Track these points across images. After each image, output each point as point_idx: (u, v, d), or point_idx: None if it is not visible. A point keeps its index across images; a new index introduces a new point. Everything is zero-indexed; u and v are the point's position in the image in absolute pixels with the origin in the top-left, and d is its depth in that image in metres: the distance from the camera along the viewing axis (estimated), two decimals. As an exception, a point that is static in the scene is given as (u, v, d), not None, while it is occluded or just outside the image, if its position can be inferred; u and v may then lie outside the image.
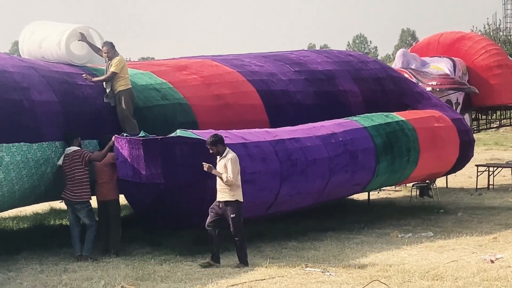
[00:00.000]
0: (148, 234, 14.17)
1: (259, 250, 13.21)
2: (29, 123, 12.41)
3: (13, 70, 12.81)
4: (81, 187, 12.51)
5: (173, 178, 12.19)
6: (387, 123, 16.04)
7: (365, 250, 12.97)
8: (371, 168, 15.39)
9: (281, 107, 15.98)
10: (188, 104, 14.63)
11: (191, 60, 16.68)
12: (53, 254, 12.91)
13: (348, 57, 18.59)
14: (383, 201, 20.15)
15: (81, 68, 14.45)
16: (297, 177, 13.75)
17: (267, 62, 17.14)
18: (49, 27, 14.85)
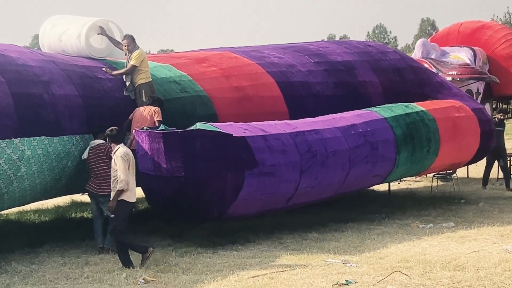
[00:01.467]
0: (168, 226, 14.23)
1: (280, 241, 13.22)
2: (50, 116, 12.46)
3: (33, 64, 12.88)
4: (105, 180, 12.55)
5: (194, 171, 12.21)
6: (407, 113, 15.98)
7: (386, 241, 12.96)
8: (391, 159, 15.35)
9: (301, 98, 15.96)
10: (208, 97, 14.64)
11: (211, 52, 16.68)
12: (75, 247, 12.98)
13: (367, 47, 18.53)
14: (403, 192, 20.11)
15: (101, 61, 14.51)
16: (317, 168, 13.74)
17: (286, 53, 17.12)
18: (69, 21, 14.91)
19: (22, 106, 12.01)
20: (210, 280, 10.42)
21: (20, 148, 11.82)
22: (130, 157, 11.51)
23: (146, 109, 13.34)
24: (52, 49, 14.67)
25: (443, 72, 21.59)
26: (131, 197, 11.55)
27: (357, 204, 16.94)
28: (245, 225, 14.14)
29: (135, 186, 11.75)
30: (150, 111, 13.27)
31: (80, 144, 12.86)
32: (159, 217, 14.64)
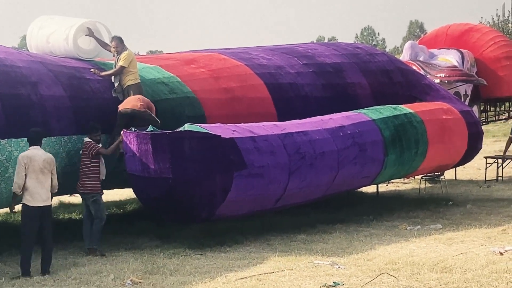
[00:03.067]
0: (157, 228, 14.22)
1: (268, 243, 13.22)
2: (38, 117, 12.43)
3: (21, 64, 12.85)
4: (87, 179, 12.58)
5: (182, 173, 12.21)
6: (396, 115, 16.02)
7: (374, 243, 12.97)
8: (379, 160, 15.38)
9: (289, 100, 15.98)
10: (196, 98, 14.64)
11: (199, 54, 16.68)
12: (63, 248, 12.93)
13: (356, 49, 18.57)
14: (391, 194, 20.15)
15: (89, 62, 14.49)
16: (306, 170, 13.75)
17: (275, 55, 17.14)
18: (57, 22, 14.90)
19: (10, 107, 11.98)
20: (198, 281, 10.40)
21: (7, 149, 11.80)
22: (30, 161, 11.05)
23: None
24: (40, 50, 14.66)
25: (431, 74, 21.67)
26: (32, 201, 11.11)
27: (346, 205, 16.96)
28: (233, 226, 14.14)
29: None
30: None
31: (68, 145, 12.84)
32: (147, 218, 14.63)
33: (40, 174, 11.10)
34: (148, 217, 14.67)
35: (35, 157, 11.10)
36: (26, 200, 11.09)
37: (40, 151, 11.27)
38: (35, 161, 11.06)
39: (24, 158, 11.06)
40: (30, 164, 11.03)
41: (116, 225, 12.84)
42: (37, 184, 11.07)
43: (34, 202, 11.07)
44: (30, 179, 11.04)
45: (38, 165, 11.08)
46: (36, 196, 11.07)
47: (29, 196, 11.07)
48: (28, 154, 11.13)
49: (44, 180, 11.16)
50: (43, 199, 11.14)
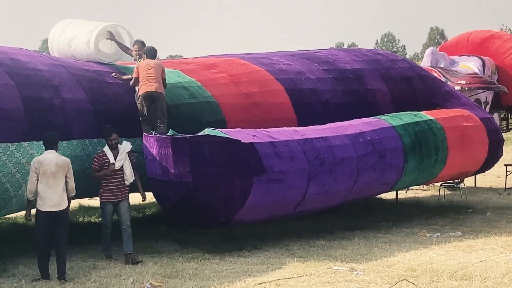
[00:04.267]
0: (175, 232, 14.25)
1: (287, 248, 13.22)
2: (59, 120, 12.51)
3: (43, 68, 12.94)
4: (110, 186, 12.57)
5: (202, 177, 12.23)
6: (416, 122, 15.98)
7: (393, 249, 12.94)
8: (399, 167, 15.34)
9: (309, 105, 15.97)
10: (217, 103, 14.66)
11: (220, 59, 16.71)
12: (82, 251, 12.98)
13: (376, 55, 18.54)
14: (411, 200, 20.09)
15: (110, 66, 14.56)
16: (325, 176, 13.74)
17: (295, 60, 17.13)
18: (78, 26, 14.98)
19: (32, 109, 12.06)
20: (216, 286, 10.42)
21: (29, 151, 11.86)
22: (41, 165, 10.96)
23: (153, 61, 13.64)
24: (62, 54, 14.75)
25: (451, 81, 21.60)
26: (42, 205, 10.98)
27: (365, 212, 16.92)
28: (252, 231, 14.15)
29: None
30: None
31: (88, 148, 12.89)
32: (166, 222, 14.66)
33: (51, 179, 10.96)
34: (167, 221, 14.70)
35: (46, 161, 10.99)
36: (38, 205, 11.01)
37: (53, 155, 11.13)
38: (46, 165, 10.95)
39: (35, 162, 10.99)
40: (41, 168, 10.92)
41: (135, 229, 12.84)
42: (47, 188, 10.95)
43: (45, 207, 10.96)
44: (41, 183, 10.94)
45: (50, 169, 10.95)
46: (46, 201, 10.95)
47: (40, 200, 10.98)
48: (39, 158, 11.06)
49: (55, 184, 11.01)
50: (53, 204, 10.98)
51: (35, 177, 10.94)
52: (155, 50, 13.99)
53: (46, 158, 11.04)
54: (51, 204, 10.96)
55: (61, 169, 11.07)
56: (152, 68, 13.47)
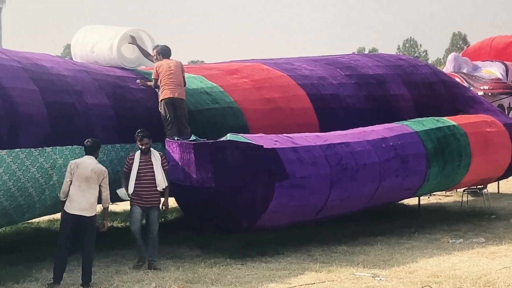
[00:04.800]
0: (198, 237, 14.26)
1: (309, 254, 13.20)
2: (82, 126, 12.56)
3: (66, 73, 13.01)
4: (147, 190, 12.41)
5: (224, 182, 12.24)
6: (438, 127, 15.92)
7: (416, 256, 12.90)
8: (422, 173, 15.28)
9: (332, 111, 15.95)
10: (239, 108, 14.68)
11: (242, 64, 16.73)
12: (104, 256, 13.02)
13: (399, 61, 18.48)
14: (433, 206, 20.00)
15: (133, 71, 14.61)
16: (347, 181, 13.71)
17: (318, 66, 17.12)
18: (101, 31, 15.05)
19: (55, 115, 12.12)
20: (239, 291, 10.43)
21: (52, 157, 11.92)
22: (77, 167, 11.02)
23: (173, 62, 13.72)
24: (85, 60, 14.82)
25: (474, 87, 21.54)
26: (70, 207, 10.99)
27: (387, 217, 16.87)
28: (274, 236, 14.14)
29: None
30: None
31: (111, 153, 12.94)
32: (188, 227, 14.67)
33: (83, 183, 10.98)
34: (189, 226, 14.71)
35: (83, 164, 11.07)
36: (65, 206, 11.02)
37: (91, 161, 11.20)
38: (82, 168, 11.01)
39: (72, 164, 11.08)
40: (76, 170, 10.99)
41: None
42: (78, 191, 10.96)
43: (71, 209, 10.96)
44: (73, 186, 10.97)
45: (85, 173, 11.00)
46: (74, 203, 10.95)
47: (68, 202, 10.99)
48: (77, 161, 11.17)
49: (87, 189, 11.01)
50: (81, 208, 10.96)
51: (69, 178, 11.00)
52: (169, 48, 14.07)
53: (84, 162, 11.14)
54: (78, 208, 10.96)
55: (96, 176, 11.09)
56: (174, 71, 13.52)
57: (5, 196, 11.50)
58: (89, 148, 11.36)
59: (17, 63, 12.34)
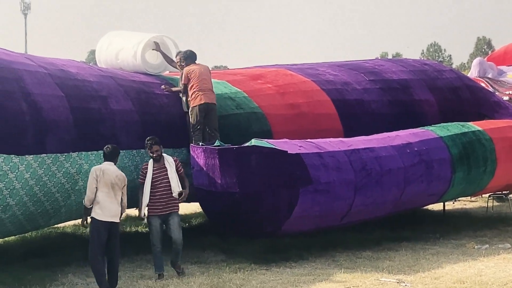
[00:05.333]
0: (222, 242, 14.27)
1: (333, 259, 13.18)
2: (107, 131, 12.65)
3: (92, 79, 13.11)
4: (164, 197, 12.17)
5: (248, 187, 12.26)
6: (463, 133, 15.84)
7: (441, 261, 12.84)
8: (447, 178, 15.22)
9: (356, 116, 15.93)
10: (263, 113, 14.70)
11: (266, 69, 16.76)
12: (130, 261, 13.07)
13: (423, 66, 18.43)
14: (458, 212, 19.90)
15: (157, 77, 14.69)
16: (372, 187, 13.68)
17: (342, 71, 17.11)
18: (125, 38, 15.14)
19: (81, 120, 12.21)
20: (263, 296, 10.43)
21: (78, 162, 12.00)
22: (103, 174, 10.96)
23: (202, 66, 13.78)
24: (109, 66, 14.93)
25: (500, 92, 21.41)
26: (102, 215, 10.95)
27: (411, 223, 16.79)
28: (298, 242, 14.11)
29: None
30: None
31: (136, 158, 13.00)
32: (212, 233, 14.70)
33: (110, 189, 10.98)
34: (214, 232, 14.74)
35: (108, 171, 11.04)
36: (96, 214, 10.93)
37: (113, 167, 11.19)
38: (108, 174, 10.98)
39: (97, 170, 11.02)
40: (103, 177, 10.94)
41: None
42: (107, 198, 10.95)
43: (104, 217, 10.93)
44: (102, 192, 10.93)
45: (110, 179, 10.98)
46: (105, 210, 10.94)
47: (99, 209, 10.92)
48: (101, 167, 11.10)
49: (114, 195, 11.02)
50: (112, 215, 10.99)
51: (95, 185, 10.93)
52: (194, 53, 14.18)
53: (108, 168, 11.09)
54: (110, 214, 10.96)
55: (120, 183, 11.11)
56: (206, 76, 13.62)
57: (31, 201, 11.60)
58: (109, 154, 11.30)
59: (43, 69, 12.45)
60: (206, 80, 13.67)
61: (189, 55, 14.13)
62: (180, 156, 13.43)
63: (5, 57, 12.16)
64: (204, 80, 13.62)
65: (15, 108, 11.44)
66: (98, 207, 10.96)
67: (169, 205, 11.97)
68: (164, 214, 11.93)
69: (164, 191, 11.91)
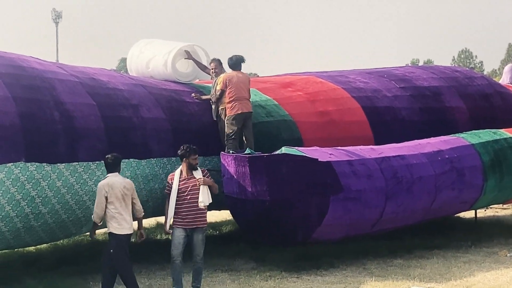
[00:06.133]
0: (253, 250, 14.27)
1: (364, 267, 13.14)
2: (138, 139, 12.73)
3: (123, 87, 13.20)
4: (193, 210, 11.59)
5: (279, 195, 12.26)
6: (495, 140, 15.74)
7: (473, 269, 12.76)
8: (478, 185, 15.12)
9: (386, 123, 15.89)
10: (293, 121, 14.72)
11: (296, 77, 16.77)
12: (161, 269, 13.12)
13: (454, 73, 18.35)
14: (490, 219, 19.74)
15: (188, 85, 14.75)
16: (403, 194, 13.62)
17: (372, 78, 17.07)
18: (156, 46, 15.23)
19: (112, 129, 12.29)
20: (294, 304, 10.42)
21: (109, 170, 12.05)
22: (112, 189, 10.65)
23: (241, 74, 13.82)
24: (140, 74, 15.05)
25: (531, 98, 21.17)
26: (121, 229, 10.70)
27: (443, 231, 16.69)
28: (329, 249, 14.08)
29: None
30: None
31: (167, 166, 13.05)
32: (243, 240, 14.70)
33: (122, 202, 10.71)
34: (244, 239, 14.74)
35: (116, 184, 10.70)
36: (115, 229, 10.67)
37: (118, 178, 10.88)
38: (116, 188, 10.66)
39: (105, 186, 10.67)
40: (112, 192, 10.64)
41: (212, 247, 12.92)
42: (122, 211, 10.70)
43: (124, 230, 10.71)
44: (114, 207, 10.66)
45: (120, 192, 10.68)
46: (124, 223, 10.70)
47: (117, 224, 10.68)
48: (109, 182, 10.73)
49: (126, 206, 10.77)
50: (129, 226, 10.78)
51: (104, 202, 10.65)
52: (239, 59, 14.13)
53: (115, 181, 10.75)
54: (128, 227, 10.75)
55: (129, 192, 10.84)
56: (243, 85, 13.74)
57: (63, 209, 11.69)
58: (111, 164, 10.96)
59: (75, 78, 12.56)
60: (243, 88, 13.71)
61: (234, 62, 14.08)
62: (210, 164, 13.48)
63: (38, 66, 12.28)
64: (241, 89, 13.66)
65: (47, 117, 11.55)
66: (115, 221, 10.69)
67: (197, 219, 11.41)
68: (189, 228, 11.41)
69: (192, 202, 11.36)
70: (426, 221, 15.18)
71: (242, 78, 13.81)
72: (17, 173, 11.00)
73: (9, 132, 10.99)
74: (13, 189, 11.00)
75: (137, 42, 15.76)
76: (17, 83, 11.54)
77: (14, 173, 10.96)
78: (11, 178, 10.93)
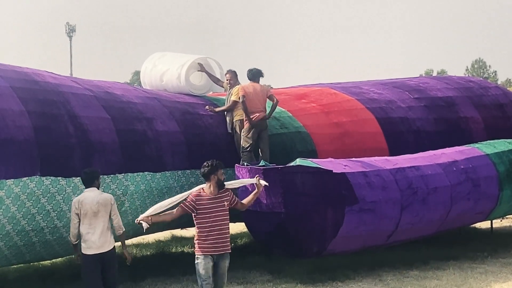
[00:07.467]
0: (268, 262, 14.24)
1: (380, 279, 13.09)
2: (153, 152, 12.74)
3: (137, 101, 13.23)
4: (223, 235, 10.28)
5: (294, 207, 12.25)
6: (510, 150, 15.68)
7: (490, 280, 12.68)
8: (494, 196, 15.07)
9: (401, 134, 15.87)
10: (307, 133, 14.71)
11: (310, 88, 16.78)
12: (176, 282, 13.10)
13: (468, 83, 18.32)
14: (506, 230, 19.63)
15: (201, 98, 14.77)
16: (418, 205, 13.58)
17: (386, 89, 17.07)
18: (170, 60, 15.27)
19: (126, 142, 12.31)
20: (310, 317, 10.37)
21: (124, 183, 12.09)
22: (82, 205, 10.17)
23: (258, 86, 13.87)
24: (154, 88, 15.08)
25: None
26: (87, 248, 10.19)
27: (459, 241, 16.61)
28: (344, 261, 14.03)
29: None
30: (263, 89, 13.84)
31: (181, 179, 13.06)
32: (258, 252, 14.68)
33: (93, 219, 10.18)
34: (260, 251, 14.72)
35: (87, 200, 10.19)
36: (82, 248, 10.23)
37: (93, 193, 10.31)
38: (87, 204, 10.16)
39: (75, 203, 10.24)
40: (82, 208, 10.16)
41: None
42: (89, 229, 10.18)
43: (89, 250, 10.17)
44: (83, 224, 10.19)
45: (91, 209, 10.15)
46: (89, 243, 10.17)
47: (83, 243, 10.21)
48: (79, 198, 10.28)
49: (97, 224, 10.19)
50: (97, 246, 10.16)
51: (77, 219, 10.21)
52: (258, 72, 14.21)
53: (87, 197, 10.24)
54: (95, 246, 10.16)
55: (103, 208, 10.24)
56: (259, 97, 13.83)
57: (78, 222, 11.68)
58: (86, 180, 10.50)
59: (89, 91, 12.60)
60: (260, 100, 13.75)
61: (254, 74, 14.14)
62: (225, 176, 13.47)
63: (52, 80, 12.33)
64: (256, 101, 13.69)
65: (62, 130, 11.60)
66: (82, 240, 10.25)
67: (225, 243, 10.12)
68: (217, 254, 10.04)
69: (220, 225, 9.99)
70: (442, 232, 15.12)
71: (258, 90, 13.85)
72: (32, 187, 11.03)
73: (24, 147, 11.03)
74: (28, 203, 11.03)
75: (150, 56, 15.81)
76: (32, 97, 11.59)
77: (29, 187, 10.99)
78: (26, 192, 10.96)
